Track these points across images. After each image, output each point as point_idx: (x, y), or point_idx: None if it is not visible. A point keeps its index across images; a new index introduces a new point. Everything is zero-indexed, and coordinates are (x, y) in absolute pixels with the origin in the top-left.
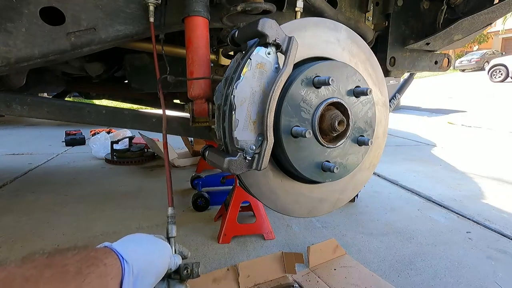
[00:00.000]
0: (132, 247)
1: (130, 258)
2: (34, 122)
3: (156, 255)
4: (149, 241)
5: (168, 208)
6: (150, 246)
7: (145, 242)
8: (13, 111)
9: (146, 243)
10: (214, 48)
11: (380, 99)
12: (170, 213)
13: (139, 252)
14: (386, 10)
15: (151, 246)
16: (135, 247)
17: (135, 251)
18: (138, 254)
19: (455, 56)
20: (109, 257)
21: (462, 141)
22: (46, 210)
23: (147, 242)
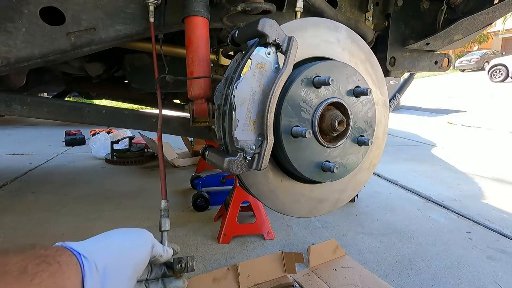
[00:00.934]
0: (94, 243)
1: (90, 254)
2: (34, 122)
3: (128, 245)
4: (119, 233)
5: (161, 201)
6: (120, 238)
7: (114, 235)
8: (13, 111)
9: (114, 236)
10: (214, 48)
11: (380, 99)
12: (163, 206)
13: (103, 246)
14: (386, 10)
15: (121, 237)
16: (98, 242)
17: (97, 246)
18: (102, 249)
19: (455, 56)
20: (63, 255)
21: (462, 141)
22: (46, 210)
23: (116, 235)
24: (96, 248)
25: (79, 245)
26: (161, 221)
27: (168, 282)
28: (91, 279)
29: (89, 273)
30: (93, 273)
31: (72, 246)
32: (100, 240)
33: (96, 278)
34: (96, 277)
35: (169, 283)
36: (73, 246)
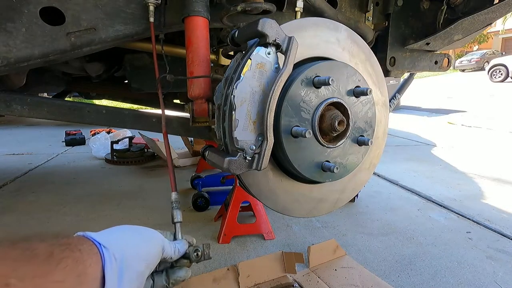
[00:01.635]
0: (112, 234)
1: (110, 244)
2: (34, 122)
3: (141, 241)
4: (132, 229)
5: (171, 194)
6: (133, 234)
7: (128, 230)
8: (13, 111)
9: (128, 231)
10: (214, 48)
11: (380, 99)
12: (174, 198)
13: (120, 238)
14: (386, 10)
15: (135, 233)
16: (116, 234)
17: (115, 238)
18: (119, 240)
19: (455, 56)
20: (84, 244)
21: (462, 141)
22: (46, 210)
23: (129, 230)
24: (114, 239)
25: (99, 235)
26: (173, 213)
27: (171, 273)
28: (111, 268)
29: (109, 263)
30: (112, 263)
31: (92, 236)
32: (116, 232)
33: (115, 268)
34: (115, 267)
35: (173, 274)
36: (94, 236)
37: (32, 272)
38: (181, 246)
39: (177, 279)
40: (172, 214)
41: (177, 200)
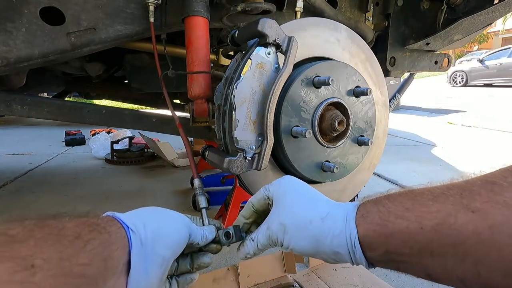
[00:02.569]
0: (140, 217)
1: (137, 228)
2: (34, 122)
3: (169, 226)
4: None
5: (194, 181)
6: (162, 217)
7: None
8: (13, 111)
9: (158, 214)
10: (214, 48)
11: (380, 99)
12: (197, 184)
13: (148, 222)
14: (386, 10)
15: (163, 217)
16: (144, 218)
17: (143, 221)
18: (147, 225)
19: (455, 56)
20: (113, 226)
21: (462, 141)
22: (46, 210)
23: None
24: (141, 223)
25: (127, 217)
26: (198, 199)
27: (196, 258)
28: (137, 254)
29: (135, 248)
30: (138, 248)
31: (121, 218)
32: (145, 215)
33: (141, 253)
34: (141, 252)
35: (197, 259)
36: (122, 218)
37: (58, 253)
38: (209, 232)
39: (201, 264)
40: (196, 200)
41: (200, 186)
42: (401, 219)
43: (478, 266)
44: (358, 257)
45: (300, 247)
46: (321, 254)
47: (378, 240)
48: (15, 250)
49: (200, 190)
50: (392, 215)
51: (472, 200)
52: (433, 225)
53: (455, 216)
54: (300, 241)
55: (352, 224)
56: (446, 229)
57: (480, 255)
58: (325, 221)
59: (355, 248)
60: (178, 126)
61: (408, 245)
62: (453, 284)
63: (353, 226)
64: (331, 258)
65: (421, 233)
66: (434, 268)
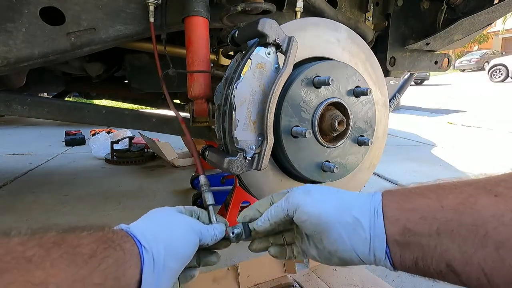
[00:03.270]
0: (151, 230)
1: (150, 244)
2: (34, 122)
3: (181, 238)
4: (171, 219)
5: (200, 177)
6: (174, 228)
7: (167, 221)
8: (13, 111)
9: (167, 223)
10: (214, 48)
11: (380, 99)
12: (203, 181)
13: (161, 237)
14: (386, 10)
15: (175, 228)
16: (155, 229)
17: (154, 235)
18: (160, 240)
19: (455, 56)
20: (128, 242)
21: (462, 141)
22: (46, 210)
23: (168, 222)
24: (154, 237)
25: (140, 232)
26: (204, 196)
27: (203, 256)
28: (149, 272)
29: (147, 265)
30: (151, 266)
31: (135, 234)
32: (156, 227)
33: (153, 270)
34: (153, 270)
35: (204, 257)
36: (135, 233)
37: (72, 276)
38: (219, 231)
39: (208, 262)
40: (203, 197)
41: (206, 183)
42: (422, 197)
43: (501, 251)
44: (378, 226)
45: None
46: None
47: (399, 214)
48: (30, 274)
49: (206, 187)
50: (414, 193)
51: (495, 185)
52: (453, 205)
53: (475, 197)
54: (322, 204)
55: (377, 194)
56: (466, 208)
57: (502, 238)
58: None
59: (376, 214)
60: (181, 123)
61: (428, 222)
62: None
63: (378, 195)
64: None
65: (441, 211)
66: (453, 252)
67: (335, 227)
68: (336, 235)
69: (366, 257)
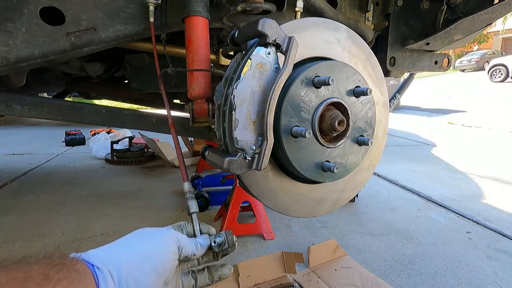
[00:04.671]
0: (110, 251)
1: (104, 263)
2: (34, 122)
3: (149, 250)
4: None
5: (183, 184)
6: (140, 243)
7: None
8: (13, 111)
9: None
10: (214, 48)
11: (380, 99)
12: (186, 188)
13: (120, 253)
14: (386, 10)
15: (142, 241)
16: (114, 250)
17: (112, 254)
18: (118, 256)
19: (455, 56)
20: (79, 263)
21: (462, 141)
22: (46, 210)
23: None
24: (110, 256)
25: (92, 256)
26: (188, 204)
27: (214, 271)
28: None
29: (103, 283)
30: (108, 283)
31: (84, 258)
32: (118, 246)
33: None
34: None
35: (215, 271)
36: (85, 258)
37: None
38: (202, 239)
39: (221, 276)
40: (187, 205)
41: (190, 190)
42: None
43: None
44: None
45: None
46: None
47: None
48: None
49: (190, 194)
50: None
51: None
52: None
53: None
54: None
55: None
56: None
57: None
58: None
59: None
60: (170, 126)
61: None
62: None
63: None
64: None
65: None
66: None
67: None
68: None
69: None
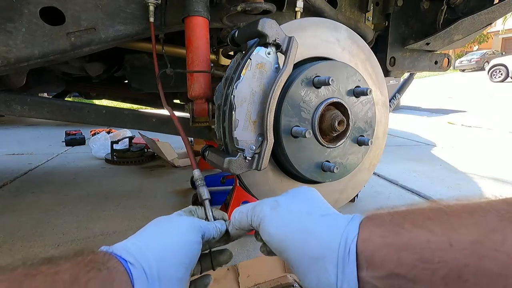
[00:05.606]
0: (139, 245)
1: (137, 259)
2: (34, 122)
3: (178, 242)
4: (162, 227)
5: (193, 172)
6: (163, 233)
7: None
8: (13, 111)
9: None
10: (214, 48)
11: (380, 99)
12: (197, 175)
13: (146, 248)
14: (386, 10)
15: (171, 232)
16: (144, 243)
17: (140, 249)
18: (146, 251)
19: (455, 56)
20: (111, 260)
21: (462, 141)
22: (46, 210)
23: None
24: (141, 251)
25: (125, 249)
26: (199, 191)
27: (214, 257)
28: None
29: (138, 281)
30: (142, 281)
31: (116, 253)
32: (145, 238)
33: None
34: (146, 285)
35: (214, 258)
36: (118, 252)
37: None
38: (220, 224)
39: (221, 262)
40: (198, 192)
41: (200, 177)
42: (420, 228)
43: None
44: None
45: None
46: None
47: (385, 253)
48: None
49: (200, 181)
50: (408, 222)
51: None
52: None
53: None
54: (286, 227)
55: (354, 224)
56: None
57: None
58: (325, 217)
59: (347, 255)
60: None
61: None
62: None
63: (354, 227)
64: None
65: (449, 251)
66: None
67: (297, 263)
68: (300, 271)
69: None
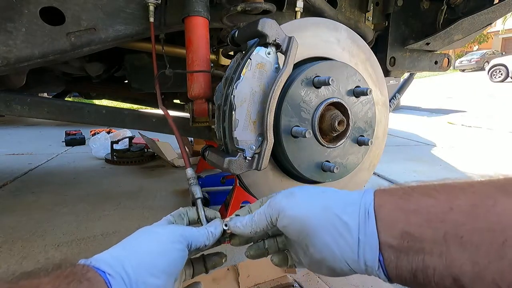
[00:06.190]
0: (118, 255)
1: (116, 270)
2: (34, 122)
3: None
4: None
5: (186, 170)
6: (147, 243)
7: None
8: (13, 111)
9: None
10: (214, 48)
11: (380, 99)
12: (190, 174)
13: (129, 257)
14: (386, 10)
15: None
16: (123, 253)
17: (119, 259)
18: (128, 260)
19: (455, 56)
20: (90, 271)
21: (462, 141)
22: (46, 210)
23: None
24: (120, 261)
25: (102, 261)
26: (192, 190)
27: (207, 260)
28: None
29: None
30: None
31: (95, 264)
32: (124, 250)
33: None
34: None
35: (209, 260)
36: (96, 264)
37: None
38: (213, 227)
39: (215, 265)
40: (190, 191)
41: (193, 176)
42: (427, 196)
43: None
44: (369, 230)
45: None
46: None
47: (397, 215)
48: None
49: (193, 180)
50: (416, 192)
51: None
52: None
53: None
54: (306, 206)
55: (369, 192)
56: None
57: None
58: (340, 192)
59: (367, 216)
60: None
61: (433, 226)
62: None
63: (369, 193)
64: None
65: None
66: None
67: (319, 232)
68: (321, 241)
69: (356, 266)
